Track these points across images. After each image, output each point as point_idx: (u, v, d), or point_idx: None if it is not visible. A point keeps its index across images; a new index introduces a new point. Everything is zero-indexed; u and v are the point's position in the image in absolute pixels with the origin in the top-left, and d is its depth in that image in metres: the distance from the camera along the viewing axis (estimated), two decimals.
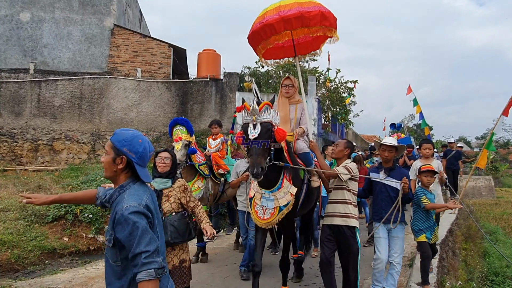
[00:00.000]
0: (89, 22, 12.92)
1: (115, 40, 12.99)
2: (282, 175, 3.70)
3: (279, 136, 3.42)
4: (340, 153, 3.95)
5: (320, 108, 14.40)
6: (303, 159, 4.16)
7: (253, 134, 3.31)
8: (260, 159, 3.27)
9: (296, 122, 4.40)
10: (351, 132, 23.99)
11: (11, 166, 11.61)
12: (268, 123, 3.37)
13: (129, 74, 12.93)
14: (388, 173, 4.05)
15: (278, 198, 3.65)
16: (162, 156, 3.42)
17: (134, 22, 16.33)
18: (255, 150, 3.29)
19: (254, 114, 3.35)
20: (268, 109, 3.38)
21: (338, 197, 3.81)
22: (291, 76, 4.52)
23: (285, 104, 4.41)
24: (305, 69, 16.62)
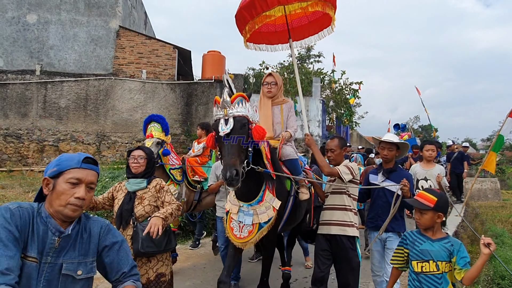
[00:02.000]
0: (94, 24, 13.00)
1: (120, 42, 13.06)
2: (263, 186, 3.18)
3: (257, 134, 2.87)
4: (338, 157, 3.43)
5: (325, 110, 14.38)
6: (290, 166, 3.59)
7: (225, 130, 2.78)
8: (234, 160, 2.71)
9: (282, 126, 3.78)
10: (356, 134, 23.94)
11: (17, 166, 11.70)
12: (243, 118, 2.85)
13: (134, 75, 12.99)
14: (387, 175, 3.56)
15: (259, 214, 3.12)
16: (135, 155, 3.04)
17: (139, 23, 16.41)
18: (228, 148, 2.75)
19: (225, 107, 2.82)
20: (243, 101, 2.87)
21: (336, 202, 3.35)
22: (274, 73, 3.89)
23: (267, 106, 3.77)
24: (309, 70, 16.62)
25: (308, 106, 13.40)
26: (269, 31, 4.26)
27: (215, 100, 2.93)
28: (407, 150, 3.74)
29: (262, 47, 4.43)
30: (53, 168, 1.62)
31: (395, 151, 3.59)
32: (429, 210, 2.35)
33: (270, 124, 3.72)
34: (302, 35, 4.36)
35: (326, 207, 3.43)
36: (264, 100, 3.83)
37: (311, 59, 21.68)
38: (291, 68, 15.81)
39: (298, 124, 13.44)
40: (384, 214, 3.42)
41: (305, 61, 21.11)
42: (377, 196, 3.62)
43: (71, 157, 1.66)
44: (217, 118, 2.90)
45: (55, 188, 1.59)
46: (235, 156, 2.74)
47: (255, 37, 4.18)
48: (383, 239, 3.52)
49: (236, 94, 2.87)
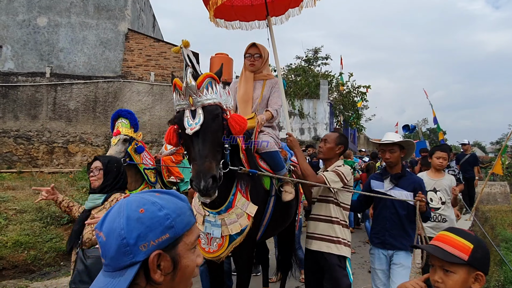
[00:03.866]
0: (104, 26, 13.12)
1: (129, 45, 13.16)
2: (234, 188, 2.55)
3: (236, 125, 2.27)
4: (330, 152, 2.96)
5: (332, 112, 14.34)
6: (270, 161, 2.93)
7: (193, 125, 2.12)
8: (209, 164, 2.09)
9: (260, 103, 3.17)
10: (363, 137, 23.83)
11: (27, 168, 11.83)
12: (215, 106, 2.21)
13: (143, 77, 13.08)
14: (395, 182, 3.03)
15: (228, 224, 2.51)
16: (92, 167, 2.64)
17: (147, 26, 16.53)
18: (200, 149, 2.12)
19: (191, 94, 2.14)
20: (212, 84, 2.22)
21: (321, 212, 2.88)
22: (259, 44, 3.24)
23: (249, 80, 3.20)
24: (317, 72, 16.60)
25: (316, 108, 13.37)
26: (244, 5, 3.54)
27: (174, 83, 2.21)
28: (413, 149, 3.22)
29: (235, 25, 3.67)
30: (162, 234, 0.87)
31: (399, 152, 3.08)
32: (460, 265, 1.34)
33: (249, 100, 3.17)
34: (284, 8, 3.57)
35: (312, 217, 2.97)
36: (245, 74, 3.24)
37: (318, 62, 21.66)
38: (298, 70, 15.80)
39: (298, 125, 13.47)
40: (393, 228, 2.97)
41: (312, 64, 21.08)
42: (383, 207, 3.07)
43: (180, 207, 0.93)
44: (180, 109, 2.22)
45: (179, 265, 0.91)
46: (210, 158, 2.11)
47: (227, 12, 3.48)
48: (389, 255, 3.01)
49: (204, 75, 2.19)
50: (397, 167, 3.13)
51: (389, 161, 3.11)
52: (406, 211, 2.96)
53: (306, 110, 13.38)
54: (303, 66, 17.37)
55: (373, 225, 3.25)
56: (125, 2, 13.25)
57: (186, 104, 2.19)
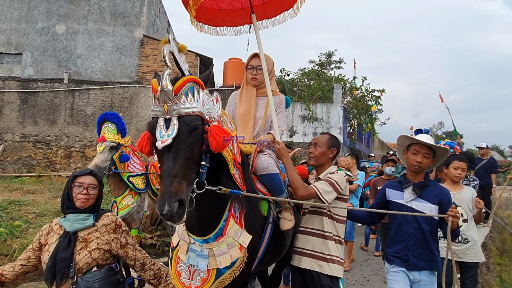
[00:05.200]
0: (120, 33, 13.39)
1: (144, 50, 13.39)
2: (226, 212, 2.22)
3: (213, 140, 1.88)
4: (322, 157, 2.64)
5: (346, 117, 14.27)
6: (268, 184, 2.62)
7: (164, 137, 1.79)
8: (177, 185, 1.74)
9: (264, 124, 2.87)
10: (377, 140, 23.61)
11: (46, 172, 12.12)
12: (195, 117, 1.85)
13: None
14: (418, 192, 2.62)
15: (216, 255, 2.16)
16: (84, 183, 2.24)
17: (162, 32, 16.78)
18: (169, 165, 1.77)
19: (166, 101, 1.79)
20: (194, 90, 1.87)
21: (313, 225, 2.56)
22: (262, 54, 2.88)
23: (251, 96, 2.88)
24: (330, 76, 16.55)
25: (329, 112, 13.33)
26: (233, 8, 3.21)
27: (151, 84, 1.88)
28: (442, 160, 2.85)
29: (222, 31, 3.28)
30: None
31: (431, 159, 2.67)
32: None
33: (251, 119, 2.85)
34: (276, 11, 3.24)
35: (301, 230, 2.64)
36: (247, 89, 2.91)
37: (331, 65, 21.60)
38: (311, 74, 15.78)
39: (312, 129, 13.41)
40: (417, 247, 2.56)
41: (325, 67, 21.03)
42: (404, 221, 2.63)
43: None
44: (154, 116, 1.88)
45: None
46: (180, 178, 1.75)
47: (213, 16, 3.13)
48: (416, 280, 2.58)
49: (184, 79, 1.84)
50: (421, 175, 2.68)
51: (419, 167, 2.63)
52: (431, 226, 2.54)
53: (320, 114, 13.35)
54: (316, 70, 17.35)
55: (391, 243, 2.74)
56: (140, 8, 13.50)
57: (160, 112, 1.82)
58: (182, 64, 2.03)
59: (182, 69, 2.02)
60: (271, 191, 2.61)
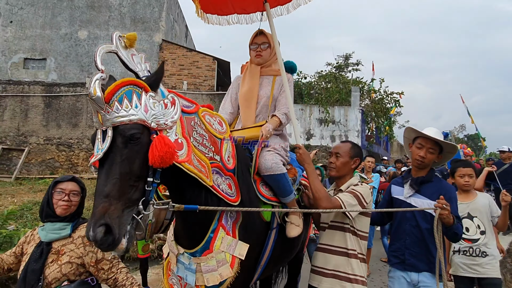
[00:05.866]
0: (139, 38, 13.57)
1: (163, 55, 13.61)
2: (215, 222, 2.00)
3: (152, 154, 1.56)
4: (344, 168, 2.43)
5: (364, 120, 14.13)
6: (274, 185, 2.36)
7: (98, 153, 1.55)
8: (106, 206, 1.47)
9: (270, 104, 2.64)
10: (396, 144, 23.26)
11: (68, 173, 12.45)
12: (133, 125, 1.57)
13: (176, 86, 13.46)
14: (417, 188, 2.48)
15: (204, 272, 1.96)
16: (65, 189, 2.08)
17: (180, 36, 17.03)
18: (100, 185, 1.53)
19: (97, 110, 1.57)
20: (133, 95, 1.59)
21: (334, 242, 2.33)
22: (267, 32, 2.69)
23: (254, 74, 2.66)
24: (347, 79, 16.43)
25: (347, 115, 13.23)
26: None
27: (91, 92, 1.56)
28: (451, 157, 2.67)
29: (232, 19, 2.97)
30: None
31: (436, 155, 2.49)
32: None
33: (254, 98, 2.62)
34: None
35: (320, 247, 2.41)
36: (250, 68, 2.71)
37: (349, 68, 21.45)
38: (329, 77, 15.71)
39: (329, 132, 13.34)
40: (414, 245, 2.43)
41: (343, 70, 20.89)
42: (402, 218, 2.50)
43: None
44: (95, 128, 1.71)
45: None
46: (112, 198, 1.49)
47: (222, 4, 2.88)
48: (414, 282, 2.43)
49: (117, 83, 1.57)
50: (424, 170, 2.52)
51: (421, 162, 2.47)
52: (430, 224, 2.32)
53: (337, 117, 13.27)
54: (334, 72, 17.26)
55: (391, 241, 2.66)
56: (159, 14, 13.75)
57: (97, 123, 1.60)
58: (135, 64, 1.74)
59: (134, 70, 1.71)
60: (277, 192, 2.37)
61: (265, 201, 2.30)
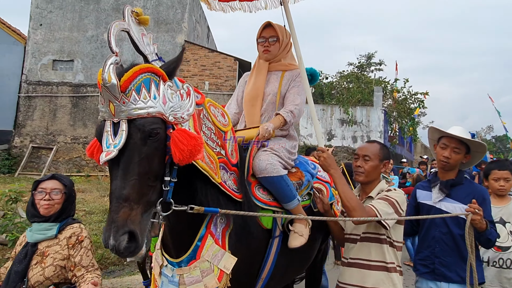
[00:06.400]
0: (163, 39, 13.90)
1: (185, 55, 13.81)
2: (203, 228, 1.79)
3: (177, 149, 1.43)
4: (373, 172, 2.16)
5: (387, 120, 13.90)
6: (271, 189, 2.11)
7: (110, 148, 1.37)
8: (127, 211, 1.34)
9: (278, 102, 2.39)
10: (420, 145, 22.75)
11: (94, 172, 12.82)
12: (152, 119, 1.42)
13: (198, 87, 13.63)
14: (447, 191, 2.31)
15: (187, 284, 1.75)
16: (46, 188, 2.02)
17: (202, 37, 17.22)
18: (117, 187, 1.37)
19: (111, 99, 1.39)
20: (151, 84, 1.44)
21: (371, 256, 2.07)
22: (276, 24, 2.44)
23: (262, 70, 2.45)
24: (370, 79, 16.21)
25: (369, 116, 13.06)
26: None
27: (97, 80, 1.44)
28: (481, 157, 2.49)
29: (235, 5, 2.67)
30: None
31: (463, 155, 2.33)
32: None
33: (259, 96, 2.40)
34: None
35: (353, 262, 2.13)
36: (258, 64, 2.49)
37: (371, 68, 21.15)
38: (351, 77, 15.54)
39: (351, 132, 13.18)
40: (445, 254, 2.24)
41: (365, 70, 20.62)
42: (431, 224, 2.33)
43: None
44: (101, 118, 1.48)
45: None
46: (132, 202, 1.36)
47: None
48: None
49: (135, 70, 1.42)
50: (451, 172, 2.35)
51: (447, 163, 2.32)
52: (464, 230, 2.12)
53: (359, 118, 13.11)
54: (356, 72, 17.06)
55: (418, 248, 2.46)
56: (182, 15, 13.96)
57: (107, 113, 1.42)
58: (145, 45, 1.59)
59: (144, 53, 1.58)
60: (277, 197, 2.12)
61: (261, 205, 2.04)
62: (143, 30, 1.62)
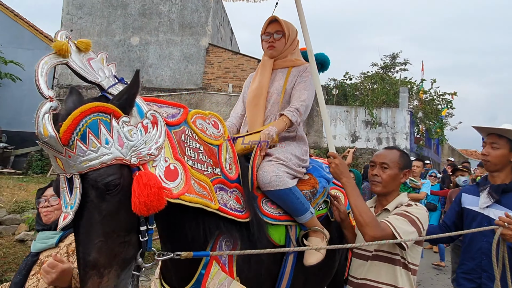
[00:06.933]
0: (187, 42, 14.14)
1: (209, 58, 13.99)
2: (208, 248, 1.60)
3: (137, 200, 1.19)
4: (392, 182, 1.94)
5: (413, 121, 13.62)
6: (280, 203, 1.91)
7: (66, 210, 1.20)
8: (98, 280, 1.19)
9: (282, 100, 2.20)
10: (447, 147, 22.14)
11: None
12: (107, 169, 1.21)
13: (221, 89, 13.78)
14: (496, 197, 2.09)
15: None
16: (47, 195, 1.97)
17: (226, 40, 17.39)
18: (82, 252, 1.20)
19: (55, 154, 1.18)
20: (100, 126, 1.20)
21: (381, 278, 1.85)
22: (281, 19, 2.25)
23: (266, 68, 2.26)
24: (395, 79, 15.92)
25: (394, 117, 12.83)
26: None
27: None
28: None
29: None
30: None
31: (505, 151, 2.11)
32: None
33: (263, 95, 2.20)
34: None
35: (360, 282, 1.92)
36: (263, 61, 2.31)
37: (396, 68, 20.75)
38: (375, 77, 15.31)
39: (375, 134, 13.02)
40: (491, 267, 1.99)
41: (389, 70, 20.26)
42: (477, 233, 2.07)
43: None
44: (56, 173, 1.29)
45: None
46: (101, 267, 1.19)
47: None
48: None
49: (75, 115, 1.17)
50: (502, 174, 2.12)
51: (486, 161, 2.13)
52: None
53: (384, 119, 12.90)
54: (381, 73, 16.80)
55: (462, 260, 2.26)
56: (206, 18, 14.15)
57: (57, 168, 1.23)
58: (96, 72, 1.33)
59: (96, 81, 1.32)
60: (287, 211, 1.91)
61: (270, 222, 1.83)
62: (90, 54, 1.35)
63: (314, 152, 12.20)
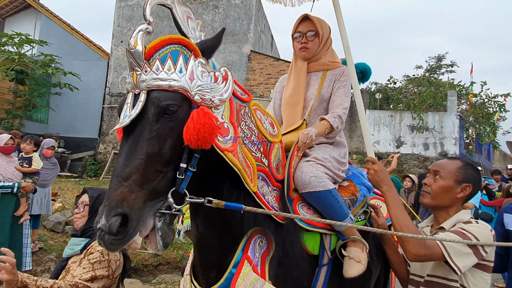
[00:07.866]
0: (230, 50, 14.49)
1: (251, 65, 14.26)
2: (239, 251, 1.51)
3: (192, 128, 1.25)
4: (443, 195, 1.67)
5: (462, 126, 13.08)
6: (317, 205, 1.78)
7: (125, 120, 1.26)
8: (126, 192, 1.18)
9: (318, 106, 2.10)
10: (498, 153, 20.96)
11: None
12: (170, 94, 1.28)
13: (263, 95, 13.98)
14: None
15: None
16: (80, 202, 2.05)
17: (266, 46, 17.62)
18: (120, 163, 1.24)
19: (133, 66, 1.30)
20: (179, 57, 1.30)
21: None
22: (314, 16, 2.10)
23: (300, 72, 2.13)
24: (442, 82, 15.37)
25: (442, 121, 12.40)
26: None
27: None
28: None
29: None
30: None
31: None
32: None
33: (300, 102, 2.08)
34: None
35: None
36: (295, 65, 2.17)
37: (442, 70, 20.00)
38: (421, 81, 14.88)
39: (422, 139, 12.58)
40: None
41: (435, 72, 19.57)
42: None
43: None
44: (126, 90, 1.36)
45: None
46: (133, 183, 1.20)
47: None
48: None
49: (163, 39, 1.32)
50: None
51: None
52: None
53: (431, 124, 12.50)
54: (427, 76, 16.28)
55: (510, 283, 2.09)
56: (248, 26, 14.45)
57: (130, 84, 1.32)
58: (189, 28, 1.43)
59: (187, 35, 1.41)
60: (325, 216, 1.75)
61: (306, 227, 1.69)
62: (190, 13, 1.46)
63: (357, 157, 12.05)
